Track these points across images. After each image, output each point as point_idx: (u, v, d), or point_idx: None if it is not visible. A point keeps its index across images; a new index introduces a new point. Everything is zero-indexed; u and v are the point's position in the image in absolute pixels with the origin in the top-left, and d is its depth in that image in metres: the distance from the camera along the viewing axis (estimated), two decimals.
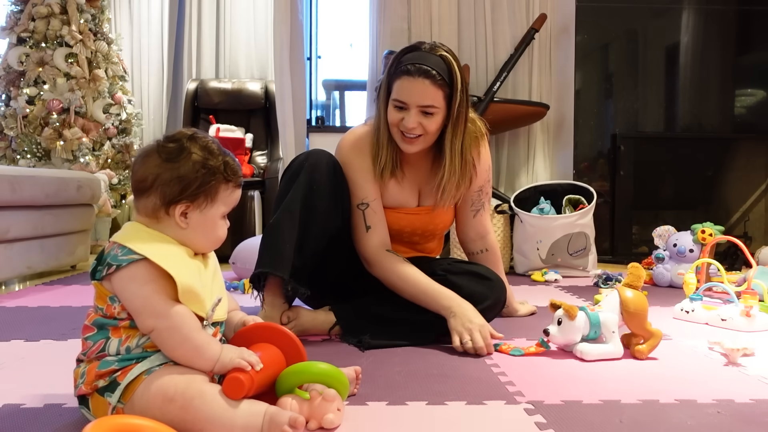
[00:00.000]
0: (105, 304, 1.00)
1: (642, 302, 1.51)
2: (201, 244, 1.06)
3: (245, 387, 0.95)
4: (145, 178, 1.02)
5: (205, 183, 1.02)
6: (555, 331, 1.48)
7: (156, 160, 1.02)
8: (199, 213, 1.03)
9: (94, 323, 1.02)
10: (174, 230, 1.03)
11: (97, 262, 1.01)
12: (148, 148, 1.05)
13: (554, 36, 3.89)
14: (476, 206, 1.84)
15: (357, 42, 4.47)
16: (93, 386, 0.98)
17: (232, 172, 1.06)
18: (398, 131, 1.62)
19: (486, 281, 1.69)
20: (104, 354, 0.99)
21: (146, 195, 1.02)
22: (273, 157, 4.07)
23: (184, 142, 1.03)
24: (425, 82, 1.55)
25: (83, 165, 3.70)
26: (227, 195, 1.06)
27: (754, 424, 1.07)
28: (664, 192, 3.84)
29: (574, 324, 1.46)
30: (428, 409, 1.14)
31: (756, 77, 3.81)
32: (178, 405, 0.93)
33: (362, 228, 1.67)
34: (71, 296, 2.38)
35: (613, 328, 1.48)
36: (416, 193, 1.75)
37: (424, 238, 1.80)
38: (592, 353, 1.46)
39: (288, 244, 1.58)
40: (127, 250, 0.97)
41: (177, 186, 1.01)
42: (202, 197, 1.03)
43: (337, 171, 1.67)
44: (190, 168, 1.02)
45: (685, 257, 2.57)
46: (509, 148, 3.96)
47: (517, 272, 3.11)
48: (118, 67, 4.06)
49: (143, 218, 1.04)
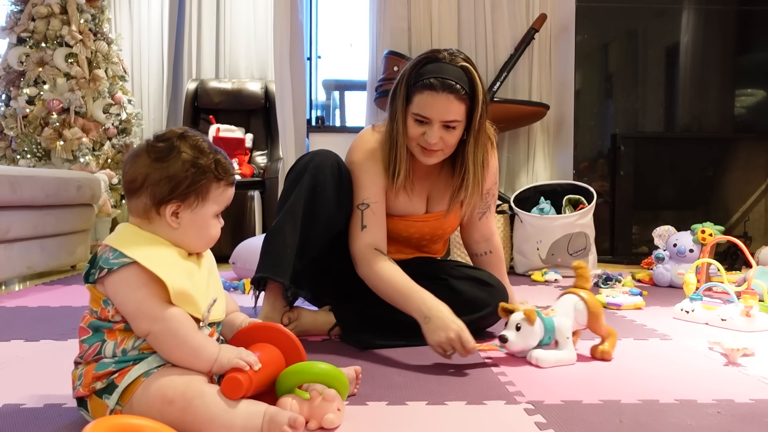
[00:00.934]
0: (99, 307, 1.00)
1: (598, 302, 1.49)
2: (194, 243, 1.05)
3: (243, 387, 0.95)
4: (135, 178, 1.01)
5: (196, 182, 1.01)
6: (513, 338, 1.40)
7: (145, 159, 1.01)
8: (190, 212, 1.02)
9: (89, 326, 1.01)
10: (166, 230, 1.02)
11: (90, 265, 1.00)
12: (137, 148, 1.04)
13: (554, 36, 3.89)
14: (482, 209, 1.82)
15: (357, 42, 4.47)
16: (90, 388, 0.98)
17: (224, 170, 1.05)
18: (417, 145, 1.58)
19: (488, 287, 1.68)
20: (101, 357, 0.99)
21: (137, 195, 1.02)
22: (273, 157, 4.07)
23: (174, 141, 1.02)
24: (449, 97, 1.50)
25: (83, 165, 3.70)
26: (219, 194, 1.05)
27: (754, 424, 1.07)
28: (664, 192, 3.84)
29: (533, 329, 1.40)
30: (428, 409, 1.14)
31: (756, 77, 3.81)
32: (177, 406, 0.93)
33: (358, 227, 1.63)
34: (71, 296, 2.38)
35: (567, 333, 1.44)
36: (425, 201, 1.73)
37: (432, 241, 1.80)
38: (549, 360, 1.41)
39: (289, 248, 1.57)
40: (118, 253, 0.97)
41: (167, 186, 1.00)
42: (193, 196, 1.02)
43: (342, 173, 1.64)
44: (179, 167, 1.00)
45: (685, 257, 2.57)
46: (509, 148, 3.96)
47: (517, 272, 3.11)
48: (118, 67, 4.05)
49: (136, 219, 1.03)
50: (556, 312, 1.47)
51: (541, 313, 1.44)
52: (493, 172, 1.79)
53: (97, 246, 3.83)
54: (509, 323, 1.43)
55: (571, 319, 1.46)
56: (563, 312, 1.47)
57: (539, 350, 1.42)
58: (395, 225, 1.71)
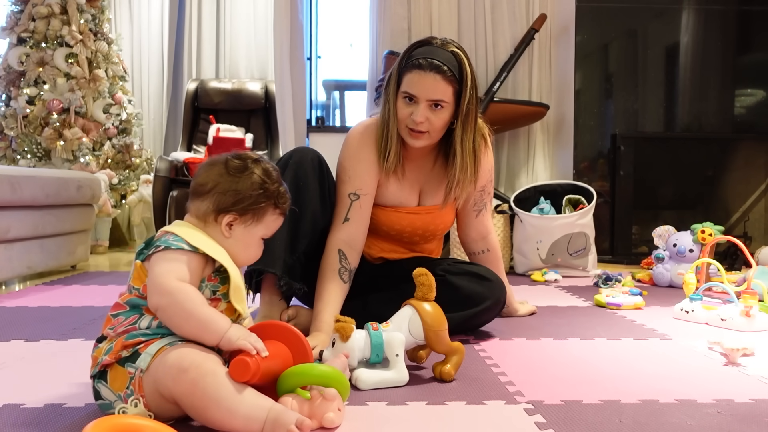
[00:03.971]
0: (142, 284, 1.04)
1: (441, 316, 1.30)
2: (236, 257, 1.11)
3: (251, 370, 0.96)
4: (206, 183, 1.10)
5: (257, 202, 1.11)
6: (329, 355, 1.23)
7: (220, 169, 1.11)
8: (243, 228, 1.11)
9: (127, 302, 1.05)
10: (217, 237, 1.10)
11: (144, 245, 1.07)
12: (215, 158, 1.14)
13: (554, 36, 3.89)
14: (478, 206, 1.83)
15: (357, 42, 4.48)
16: (117, 356, 1.01)
17: (283, 200, 1.15)
18: (405, 127, 1.61)
19: (486, 282, 1.69)
20: (134, 328, 1.03)
21: (202, 198, 1.10)
22: (273, 157, 4.07)
23: (249, 163, 1.12)
24: (436, 77, 1.54)
25: (83, 165, 3.71)
26: (272, 220, 1.15)
27: (754, 424, 1.07)
28: (664, 192, 3.83)
29: (347, 346, 1.23)
30: (428, 409, 1.14)
31: (756, 77, 3.81)
32: (190, 376, 0.95)
33: (341, 217, 1.65)
34: (71, 296, 2.38)
35: (397, 350, 1.25)
36: (416, 193, 1.75)
37: (424, 238, 1.80)
38: (368, 381, 1.23)
39: (278, 241, 1.58)
40: (180, 239, 1.04)
41: (232, 197, 1.09)
42: (251, 214, 1.11)
43: (323, 167, 1.68)
44: (248, 185, 1.10)
45: (684, 257, 2.57)
46: (509, 148, 3.96)
47: (517, 272, 3.11)
48: (118, 67, 4.06)
49: (193, 219, 1.12)
50: (388, 326, 1.29)
51: (371, 327, 1.27)
52: (488, 169, 1.80)
53: (97, 246, 3.84)
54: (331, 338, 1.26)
55: (405, 333, 1.28)
56: (397, 326, 1.29)
57: (361, 370, 1.25)
58: (387, 216, 1.72)
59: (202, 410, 0.96)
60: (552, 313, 2.08)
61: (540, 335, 1.73)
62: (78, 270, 3.15)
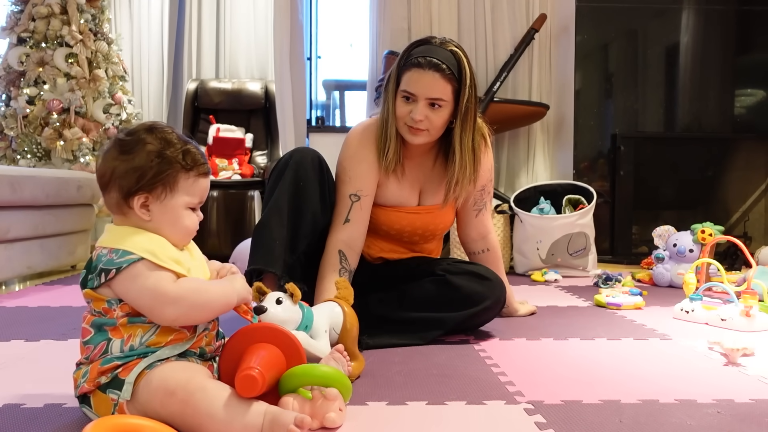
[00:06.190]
0: (102, 307, 1.00)
1: (356, 321, 1.37)
2: (170, 236, 1.04)
3: (259, 384, 0.95)
4: (104, 173, 1.02)
5: (161, 172, 1.01)
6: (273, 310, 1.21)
7: (113, 153, 1.02)
8: (159, 204, 1.02)
9: (92, 325, 1.01)
10: (140, 224, 1.02)
11: (87, 271, 1.00)
12: (108, 144, 1.05)
13: (554, 36, 3.89)
14: (478, 206, 1.84)
15: (357, 42, 4.47)
16: (95, 383, 0.98)
17: (192, 160, 1.04)
18: (404, 124, 1.62)
19: (486, 281, 1.69)
20: (107, 355, 0.99)
21: (108, 191, 1.02)
22: (273, 157, 4.07)
23: (141, 134, 1.03)
24: (435, 75, 1.55)
25: (83, 165, 3.70)
26: (189, 184, 1.04)
27: (754, 424, 1.07)
28: (664, 192, 3.83)
29: (294, 308, 1.25)
30: (428, 409, 1.14)
31: (756, 77, 3.81)
32: (179, 398, 0.93)
33: (342, 218, 1.65)
34: (71, 296, 2.38)
35: (322, 329, 1.30)
36: (416, 193, 1.75)
37: (424, 238, 1.80)
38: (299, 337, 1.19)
39: (278, 241, 1.58)
40: (122, 251, 0.97)
41: (132, 177, 1.00)
42: (160, 187, 1.01)
43: (323, 167, 1.68)
44: (144, 158, 1.00)
45: (684, 257, 2.57)
46: (509, 148, 3.96)
47: (517, 272, 3.11)
48: (118, 67, 4.05)
49: (116, 218, 1.04)
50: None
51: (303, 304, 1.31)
52: (488, 168, 1.80)
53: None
54: (268, 297, 1.24)
55: (326, 320, 1.33)
56: (322, 312, 1.34)
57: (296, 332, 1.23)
58: (387, 216, 1.72)
59: (198, 427, 0.93)
60: (552, 313, 2.08)
61: (540, 335, 1.73)
62: (78, 270, 3.15)
